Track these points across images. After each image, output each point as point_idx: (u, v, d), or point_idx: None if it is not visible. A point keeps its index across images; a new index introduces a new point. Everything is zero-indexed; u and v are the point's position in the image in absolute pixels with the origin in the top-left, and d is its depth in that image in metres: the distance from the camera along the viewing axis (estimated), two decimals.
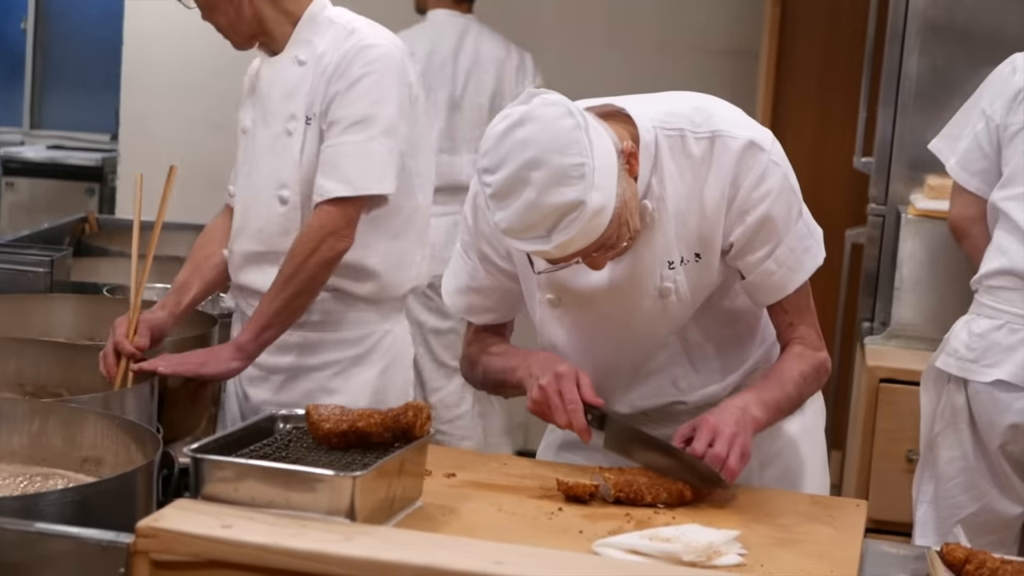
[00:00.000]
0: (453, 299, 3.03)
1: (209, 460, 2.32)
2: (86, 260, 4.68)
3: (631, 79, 6.59)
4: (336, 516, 2.25)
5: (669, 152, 2.73)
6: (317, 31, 3.50)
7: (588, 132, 2.51)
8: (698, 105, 2.79)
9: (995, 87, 3.79)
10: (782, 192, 2.74)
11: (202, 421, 3.49)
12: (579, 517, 2.55)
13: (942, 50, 4.87)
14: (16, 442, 2.64)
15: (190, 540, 2.11)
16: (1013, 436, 3.61)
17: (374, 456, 2.44)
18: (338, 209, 3.38)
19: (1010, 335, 3.61)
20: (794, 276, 2.80)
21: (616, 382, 2.94)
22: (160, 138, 7.10)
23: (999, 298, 3.64)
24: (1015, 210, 3.63)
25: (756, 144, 2.73)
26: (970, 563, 2.40)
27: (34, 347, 3.25)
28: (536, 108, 2.54)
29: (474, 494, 2.65)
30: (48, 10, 9.18)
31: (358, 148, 3.40)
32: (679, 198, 2.74)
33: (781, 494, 2.77)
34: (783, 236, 2.76)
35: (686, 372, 2.92)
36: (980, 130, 3.78)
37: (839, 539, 2.52)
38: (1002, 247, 3.65)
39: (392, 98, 3.43)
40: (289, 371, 3.55)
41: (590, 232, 2.53)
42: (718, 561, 2.33)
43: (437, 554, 2.10)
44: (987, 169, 3.77)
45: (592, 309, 2.87)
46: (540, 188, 2.49)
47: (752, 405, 2.74)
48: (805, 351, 2.86)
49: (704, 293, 2.83)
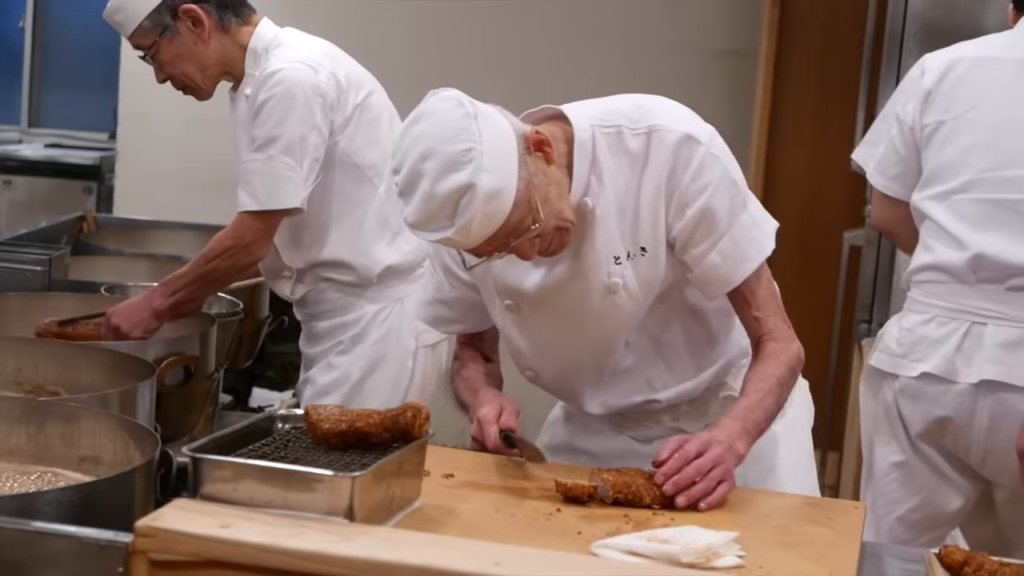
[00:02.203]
0: (420, 311, 3.14)
1: (208, 460, 2.31)
2: (84, 259, 4.68)
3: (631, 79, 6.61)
4: (335, 516, 2.24)
5: (607, 149, 2.77)
6: (255, 64, 3.75)
7: (477, 120, 2.58)
8: (638, 103, 2.83)
9: (907, 91, 3.79)
10: (721, 184, 2.76)
11: (200, 420, 3.49)
12: (577, 518, 2.55)
13: None
14: (14, 441, 2.64)
15: (188, 540, 2.11)
16: (941, 430, 3.60)
17: (373, 456, 2.44)
18: (254, 221, 3.68)
19: (938, 328, 3.61)
20: (739, 268, 2.81)
21: (583, 383, 2.99)
22: (158, 137, 7.11)
23: (927, 292, 3.64)
24: (934, 209, 3.64)
25: (693, 137, 2.75)
26: (968, 565, 2.40)
27: (32, 346, 3.25)
28: (430, 104, 2.63)
29: (472, 495, 2.65)
30: (47, 8, 9.18)
31: (262, 166, 3.66)
32: (619, 193, 2.78)
33: (779, 496, 2.77)
34: (725, 228, 2.78)
35: (660, 372, 2.95)
36: (895, 135, 3.78)
37: (837, 541, 2.52)
38: (927, 244, 3.67)
39: (292, 117, 3.65)
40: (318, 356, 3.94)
41: (491, 216, 2.57)
42: (717, 563, 2.33)
43: (435, 555, 2.10)
44: (904, 172, 3.77)
45: (546, 310, 2.90)
46: (433, 177, 2.55)
47: (737, 441, 2.73)
48: (777, 348, 2.85)
49: (655, 287, 2.85)
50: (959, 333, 3.59)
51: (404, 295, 3.90)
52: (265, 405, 4.82)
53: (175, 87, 3.81)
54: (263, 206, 3.65)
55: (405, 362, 3.92)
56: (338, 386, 3.86)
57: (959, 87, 3.68)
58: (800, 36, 6.40)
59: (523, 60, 6.86)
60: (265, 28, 3.78)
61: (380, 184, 3.80)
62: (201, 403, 3.50)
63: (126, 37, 3.75)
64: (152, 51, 3.72)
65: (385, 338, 3.85)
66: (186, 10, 3.67)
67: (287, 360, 4.99)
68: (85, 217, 5.27)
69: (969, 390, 3.56)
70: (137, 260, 4.74)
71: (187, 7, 3.68)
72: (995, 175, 3.60)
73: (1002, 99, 3.64)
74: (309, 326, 3.99)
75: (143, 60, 3.78)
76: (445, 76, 6.78)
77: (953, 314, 3.61)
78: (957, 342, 3.58)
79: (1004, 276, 3.56)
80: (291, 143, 3.64)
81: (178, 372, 3.38)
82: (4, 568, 2.08)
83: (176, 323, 3.70)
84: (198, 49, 3.72)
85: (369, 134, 3.81)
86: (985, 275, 3.57)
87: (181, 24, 3.68)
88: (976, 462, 3.64)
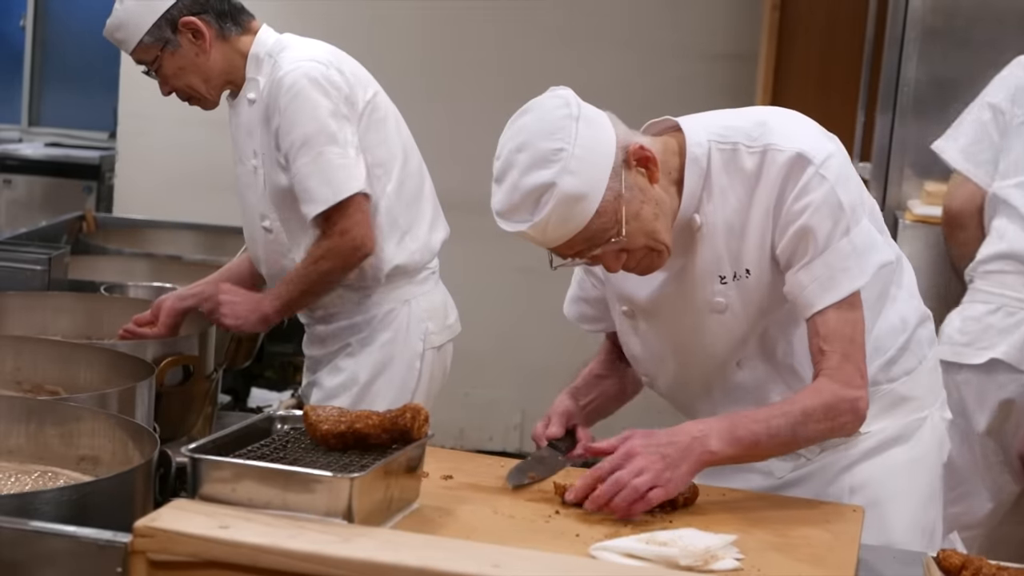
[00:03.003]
0: (568, 308, 3.12)
1: (207, 460, 2.31)
2: (84, 258, 4.67)
3: (633, 81, 6.63)
4: (333, 517, 2.25)
5: (722, 166, 2.74)
6: (259, 69, 3.76)
7: (578, 122, 2.58)
8: (761, 120, 2.78)
9: (1000, 82, 3.82)
10: (824, 205, 2.67)
11: (199, 420, 3.49)
12: (576, 520, 2.55)
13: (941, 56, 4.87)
14: (13, 440, 2.64)
15: (187, 540, 2.11)
16: (1004, 415, 3.61)
17: (372, 458, 2.44)
18: (334, 219, 3.67)
19: (1006, 318, 3.62)
20: (825, 294, 2.69)
21: (692, 397, 2.96)
22: (158, 137, 7.11)
23: (995, 282, 3.65)
24: (1016, 197, 3.64)
25: (804, 156, 2.69)
26: (966, 569, 2.40)
27: (31, 345, 3.25)
28: (541, 98, 2.66)
29: (471, 496, 2.65)
30: (47, 8, 9.18)
31: (312, 167, 3.65)
32: (730, 212, 2.74)
33: (778, 499, 2.77)
34: (821, 250, 2.68)
35: (782, 392, 2.83)
36: (987, 120, 3.78)
37: (835, 544, 2.52)
38: (1001, 232, 3.68)
39: (321, 110, 3.66)
40: (324, 359, 3.93)
41: (569, 219, 2.57)
42: (715, 565, 2.33)
43: (434, 556, 2.10)
44: (993, 159, 3.77)
45: (656, 321, 2.89)
46: (521, 169, 2.57)
47: (714, 436, 2.62)
48: (826, 386, 2.68)
49: (760, 310, 2.79)
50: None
51: (411, 296, 3.90)
52: (264, 405, 4.81)
53: (180, 99, 3.81)
54: (330, 203, 3.64)
55: (413, 363, 3.92)
56: (346, 389, 3.85)
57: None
58: (800, 39, 6.41)
59: (525, 61, 6.87)
60: (266, 34, 3.78)
61: (388, 183, 3.79)
62: (200, 403, 3.50)
63: (128, 53, 3.74)
64: (155, 65, 3.72)
65: (393, 340, 3.84)
66: (186, 23, 3.67)
67: (286, 360, 4.98)
68: (85, 216, 5.27)
69: None
70: (137, 260, 4.75)
71: (186, 20, 3.67)
72: None
73: None
74: (314, 329, 3.97)
75: (146, 75, 3.78)
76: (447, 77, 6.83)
77: (1021, 305, 3.62)
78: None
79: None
80: (330, 134, 3.65)
81: (177, 372, 3.39)
82: (3, 567, 2.08)
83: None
84: (200, 60, 3.71)
85: (377, 132, 3.81)
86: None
87: (182, 37, 3.68)
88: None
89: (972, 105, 3.91)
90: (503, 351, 6.89)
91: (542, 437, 2.88)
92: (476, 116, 6.58)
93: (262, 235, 3.86)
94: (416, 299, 3.92)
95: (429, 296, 3.98)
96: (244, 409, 4.83)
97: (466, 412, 6.85)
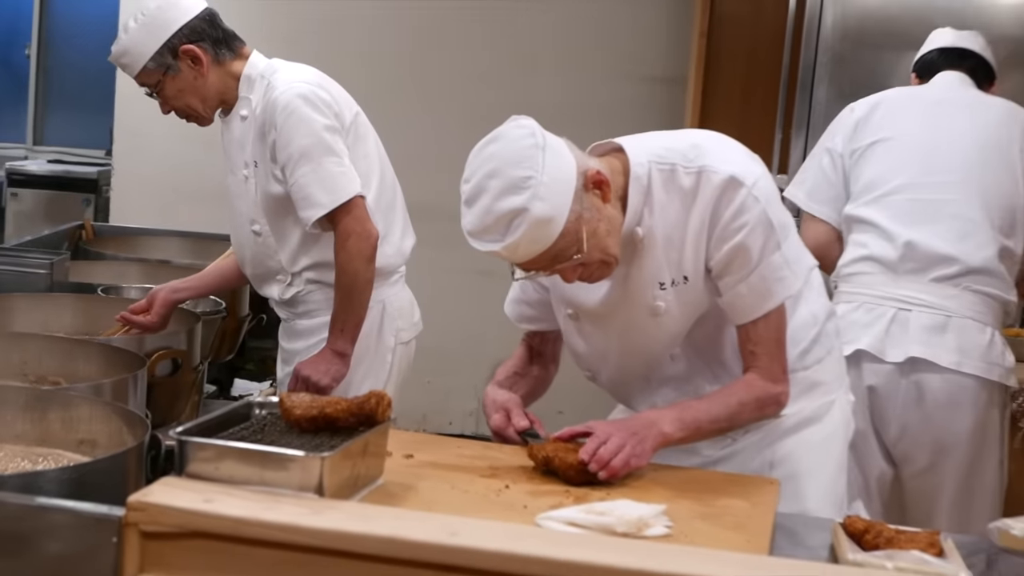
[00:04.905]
0: (509, 308, 3.12)
1: (192, 442, 2.31)
2: (83, 263, 4.65)
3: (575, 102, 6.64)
4: (306, 492, 2.24)
5: (662, 184, 2.75)
6: (252, 89, 3.76)
7: (544, 151, 2.57)
8: (695, 143, 2.81)
9: (836, 128, 3.93)
10: (759, 224, 2.72)
11: (186, 407, 3.49)
12: (524, 494, 2.55)
13: (847, 79, 4.94)
14: (19, 426, 2.63)
15: (175, 513, 2.11)
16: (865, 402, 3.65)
17: (340, 439, 2.44)
18: (337, 219, 3.65)
19: (866, 314, 3.67)
20: (763, 302, 2.77)
21: (632, 388, 3.00)
22: (150, 153, 7.08)
23: (857, 283, 3.70)
24: (868, 211, 3.74)
25: (737, 179, 2.72)
26: (868, 533, 2.42)
27: (36, 341, 3.24)
28: (506, 128, 2.63)
29: (430, 473, 2.65)
30: (50, 37, 9.13)
31: (312, 176, 3.64)
32: (668, 225, 2.76)
33: (704, 473, 2.78)
34: (755, 265, 2.74)
35: (707, 381, 2.92)
36: (826, 164, 3.89)
37: (754, 513, 2.54)
38: (859, 242, 3.75)
39: (316, 124, 3.66)
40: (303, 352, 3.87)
41: (537, 240, 2.57)
42: (647, 532, 2.33)
43: (397, 526, 2.10)
44: (834, 197, 3.86)
45: (600, 323, 2.91)
46: (494, 195, 2.56)
47: (665, 422, 2.72)
48: (757, 383, 2.81)
49: (695, 311, 2.84)
50: (886, 318, 3.65)
51: (384, 297, 3.89)
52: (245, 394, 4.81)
53: (179, 117, 3.81)
54: (329, 207, 3.64)
55: (385, 357, 3.92)
56: None
57: (887, 116, 3.82)
58: (725, 64, 6.42)
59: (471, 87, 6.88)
60: (257, 58, 3.80)
61: (369, 193, 3.77)
62: (188, 392, 3.50)
63: (132, 77, 3.73)
64: (157, 88, 3.72)
65: (367, 336, 3.81)
66: (185, 50, 3.67)
67: (265, 354, 4.98)
68: (84, 225, 5.24)
69: (895, 369, 3.62)
70: (131, 264, 4.72)
71: (186, 47, 3.67)
72: (922, 180, 3.72)
73: (923, 124, 3.81)
74: (291, 324, 3.95)
75: (149, 96, 3.77)
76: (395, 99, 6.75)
77: (880, 301, 3.67)
78: (885, 325, 3.64)
79: (928, 267, 3.64)
80: (327, 146, 3.65)
81: (167, 364, 3.38)
82: (11, 538, 2.08)
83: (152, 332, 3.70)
84: (198, 83, 3.71)
85: (359, 149, 3.81)
86: (912, 266, 3.65)
87: (182, 63, 3.68)
88: (892, 438, 3.68)
89: (813, 152, 4.00)
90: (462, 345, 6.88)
91: (508, 429, 2.87)
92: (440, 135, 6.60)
93: (251, 238, 3.85)
94: (389, 300, 3.92)
95: (399, 296, 3.98)
96: (227, 397, 4.82)
97: (428, 399, 6.84)
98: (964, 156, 3.75)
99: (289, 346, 3.97)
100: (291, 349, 3.96)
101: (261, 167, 3.74)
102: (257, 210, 3.81)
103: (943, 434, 3.68)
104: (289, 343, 3.97)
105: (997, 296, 3.70)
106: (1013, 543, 2.43)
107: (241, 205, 3.85)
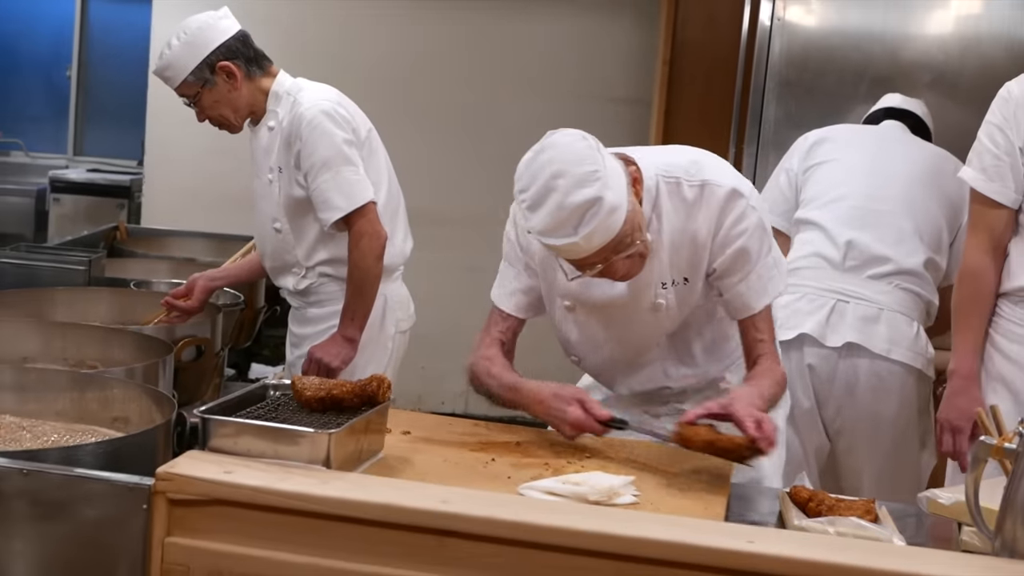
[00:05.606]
0: (506, 301, 2.97)
1: (214, 419, 2.30)
2: (117, 260, 4.64)
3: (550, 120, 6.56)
4: (315, 465, 2.24)
5: (667, 195, 2.75)
6: (279, 103, 3.77)
7: (600, 151, 2.56)
8: (694, 159, 2.81)
9: (791, 152, 4.02)
10: (756, 230, 2.75)
11: (209, 389, 3.48)
12: (508, 466, 2.55)
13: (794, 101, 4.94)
14: (60, 405, 2.62)
15: (199, 483, 2.10)
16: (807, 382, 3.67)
17: (346, 417, 2.43)
18: (352, 223, 3.67)
19: (810, 303, 3.69)
20: (760, 298, 2.80)
21: (616, 372, 2.98)
22: (177, 163, 7.05)
23: (802, 277, 3.72)
24: (816, 214, 3.80)
25: (737, 191, 2.74)
26: (812, 501, 2.42)
27: (75, 329, 3.22)
28: (553, 139, 2.58)
29: (425, 448, 2.65)
30: (89, 61, 9.10)
31: (331, 183, 3.67)
32: (673, 232, 2.76)
33: (667, 450, 2.77)
34: (754, 265, 2.77)
35: (675, 365, 2.94)
36: (782, 181, 3.97)
37: (712, 484, 2.54)
38: (807, 240, 3.79)
39: (336, 137, 3.68)
40: (312, 337, 3.86)
41: (609, 227, 2.53)
42: (617, 500, 2.34)
43: (396, 495, 2.10)
44: (788, 210, 3.92)
45: (599, 316, 2.89)
46: (565, 191, 2.50)
47: (756, 397, 2.65)
48: (775, 365, 2.82)
49: (688, 308, 2.85)
50: (827, 308, 3.67)
51: (387, 291, 3.88)
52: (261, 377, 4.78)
53: (212, 125, 3.81)
54: (345, 210, 3.66)
55: (386, 344, 3.92)
56: None
57: (837, 144, 3.94)
58: (685, 87, 6.42)
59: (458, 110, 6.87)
60: (284, 76, 3.81)
61: (379, 200, 3.78)
62: (210, 375, 3.48)
63: (173, 89, 3.74)
64: (195, 99, 3.72)
65: (371, 325, 3.80)
66: (222, 66, 3.68)
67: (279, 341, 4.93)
68: (118, 227, 5.22)
69: (833, 353, 3.64)
70: (160, 262, 4.70)
71: (223, 64, 3.68)
72: (864, 192, 3.77)
73: (867, 153, 3.94)
74: (303, 311, 3.95)
75: (187, 106, 3.77)
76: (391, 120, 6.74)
77: (821, 292, 3.69)
78: (826, 314, 3.67)
79: (866, 265, 3.68)
80: (345, 156, 3.67)
81: (192, 351, 3.36)
82: (53, 504, 2.07)
83: (193, 315, 3.70)
84: (232, 96, 3.72)
85: (372, 160, 3.82)
86: (851, 263, 3.69)
87: (218, 77, 3.69)
88: (830, 415, 3.70)
89: (772, 174, 4.03)
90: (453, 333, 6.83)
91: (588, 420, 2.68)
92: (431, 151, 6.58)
93: (272, 235, 3.86)
94: (390, 294, 3.92)
95: (399, 291, 3.99)
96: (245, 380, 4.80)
97: (423, 382, 6.83)
98: (901, 183, 3.81)
99: (299, 331, 3.97)
100: (301, 334, 3.96)
101: (285, 173, 3.74)
102: (279, 210, 3.81)
103: (873, 413, 3.69)
104: (299, 328, 3.97)
105: (923, 296, 3.72)
106: (941, 511, 2.42)
107: (265, 205, 3.86)
